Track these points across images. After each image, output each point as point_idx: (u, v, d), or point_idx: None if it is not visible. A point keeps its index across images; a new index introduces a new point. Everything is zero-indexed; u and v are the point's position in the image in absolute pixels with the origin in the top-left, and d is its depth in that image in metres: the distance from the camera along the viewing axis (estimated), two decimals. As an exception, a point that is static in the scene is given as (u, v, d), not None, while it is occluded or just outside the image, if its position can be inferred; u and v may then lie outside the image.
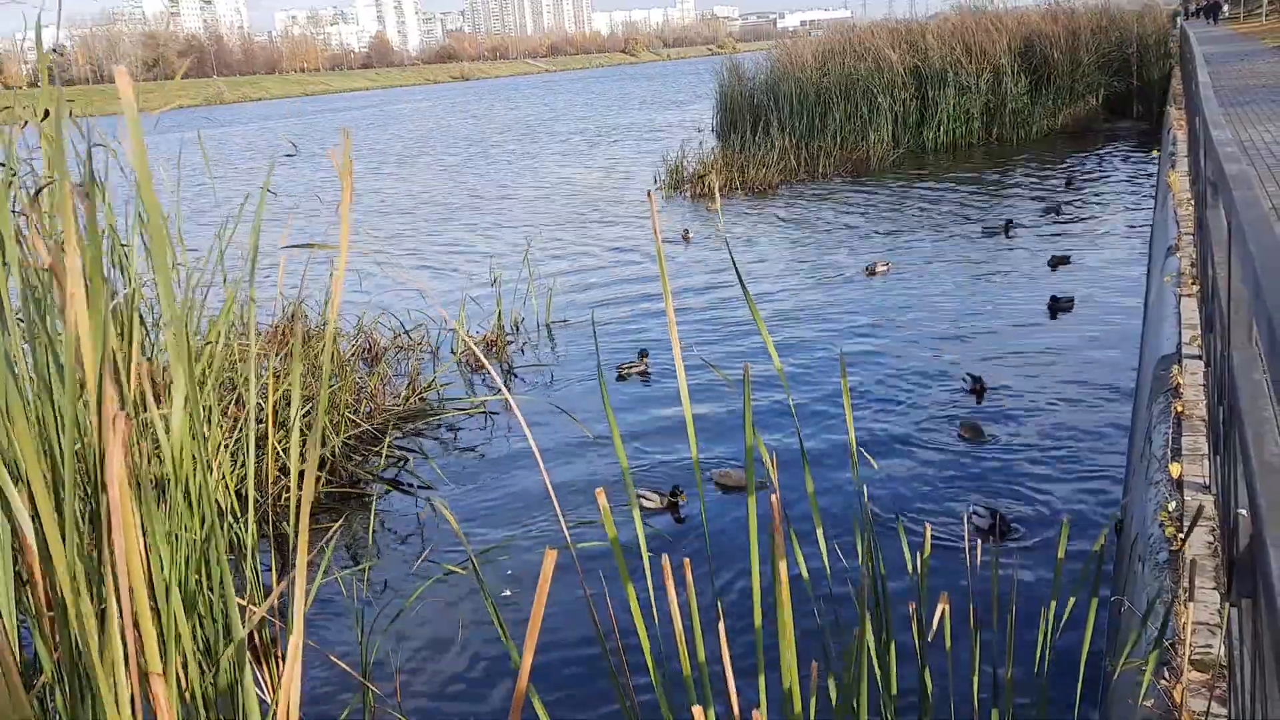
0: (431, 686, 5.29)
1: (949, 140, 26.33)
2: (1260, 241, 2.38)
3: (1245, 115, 14.97)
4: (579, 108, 60.44)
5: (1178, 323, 6.77)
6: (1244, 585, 2.22)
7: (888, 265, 13.55)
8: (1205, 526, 4.01)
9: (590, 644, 5.45)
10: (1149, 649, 3.27)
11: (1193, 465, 4.63)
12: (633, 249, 16.57)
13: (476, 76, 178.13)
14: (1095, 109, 27.68)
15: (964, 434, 7.83)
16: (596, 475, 7.69)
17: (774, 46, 30.80)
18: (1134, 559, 4.32)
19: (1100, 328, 10.35)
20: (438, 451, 8.41)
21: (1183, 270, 7.97)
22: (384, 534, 7.05)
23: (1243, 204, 2.90)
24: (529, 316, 12.02)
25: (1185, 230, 9.31)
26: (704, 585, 3.20)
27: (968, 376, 8.83)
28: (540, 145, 37.77)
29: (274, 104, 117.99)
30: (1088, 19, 28.60)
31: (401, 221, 21.48)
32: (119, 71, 2.08)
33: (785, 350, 10.45)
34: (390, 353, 10.32)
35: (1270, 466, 1.88)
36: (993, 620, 4.25)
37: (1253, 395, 2.35)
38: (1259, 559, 1.76)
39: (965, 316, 11.23)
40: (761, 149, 23.65)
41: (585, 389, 9.73)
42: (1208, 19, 48.56)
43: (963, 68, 26.24)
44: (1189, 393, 5.52)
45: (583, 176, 26.95)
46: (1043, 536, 6.17)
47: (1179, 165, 12.83)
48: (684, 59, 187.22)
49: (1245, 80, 20.65)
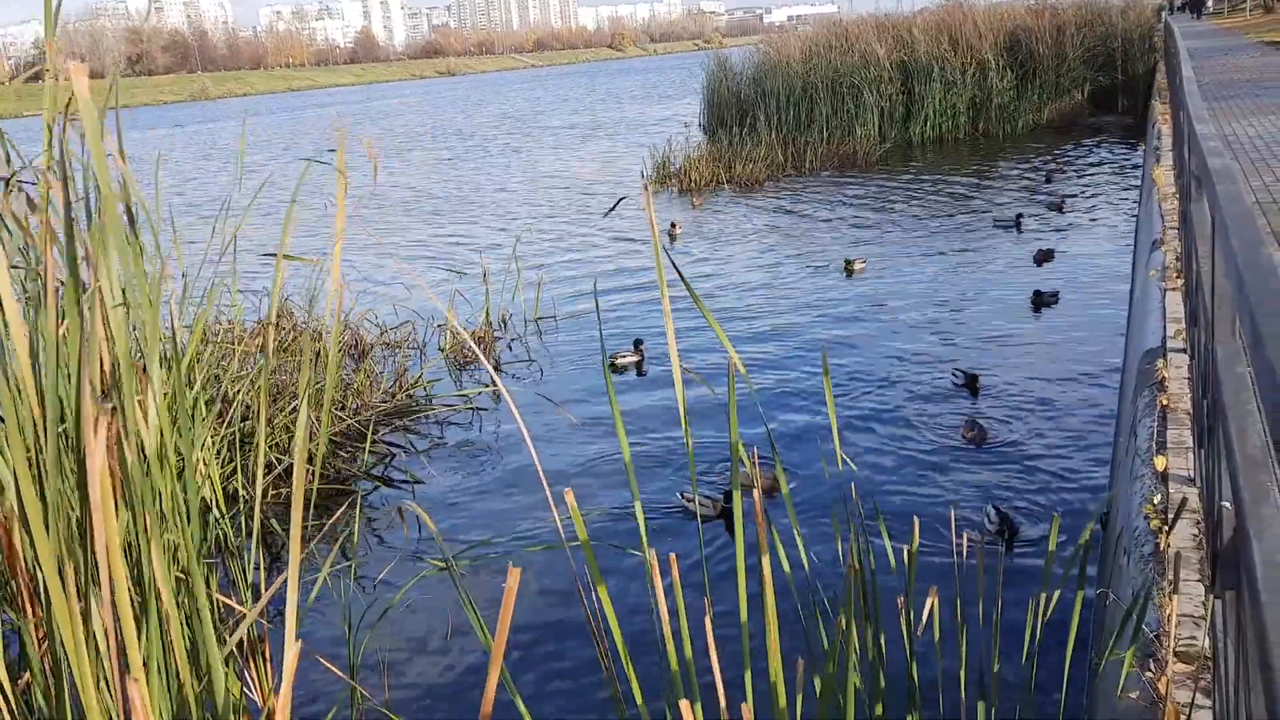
0: (420, 684, 5.28)
1: (935, 135, 26.39)
2: (1243, 236, 2.39)
3: (1229, 109, 15.04)
4: (566, 103, 60.33)
5: (1162, 316, 6.79)
6: (1227, 577, 2.23)
7: (864, 262, 13.52)
8: (1190, 519, 4.03)
9: (582, 637, 5.46)
10: (1134, 641, 3.29)
11: (1178, 458, 4.65)
12: (622, 243, 16.56)
13: (463, 72, 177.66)
14: (1081, 103, 27.79)
15: (966, 435, 7.65)
16: (588, 469, 7.69)
17: (761, 42, 30.83)
18: (1119, 552, 4.34)
19: (1086, 321, 10.39)
20: (426, 447, 8.39)
21: (1167, 264, 7.99)
22: (371, 531, 7.04)
23: (1226, 198, 2.91)
24: (516, 312, 12.00)
25: (1170, 224, 9.35)
26: (700, 580, 3.21)
27: (957, 372, 8.78)
28: (529, 140, 37.70)
29: (259, 99, 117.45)
30: (1073, 14, 28.70)
31: (390, 216, 21.42)
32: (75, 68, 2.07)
33: (766, 343, 10.47)
34: (377, 349, 10.29)
35: (1253, 459, 1.89)
36: (978, 614, 4.27)
37: (1236, 389, 2.36)
38: (1242, 551, 1.77)
39: (950, 311, 11.26)
40: (748, 144, 23.67)
41: (574, 384, 9.72)
42: (1192, 14, 48.75)
43: (949, 62, 26.30)
44: (1174, 386, 5.54)
45: (570, 171, 26.92)
46: (1030, 530, 6.20)
47: (1164, 159, 12.88)
48: (671, 54, 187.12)
49: (1229, 75, 20.74)
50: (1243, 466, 1.91)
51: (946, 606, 3.72)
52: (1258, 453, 1.90)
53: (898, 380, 9.14)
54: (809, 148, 23.83)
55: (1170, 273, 7.72)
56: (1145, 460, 4.83)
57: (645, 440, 8.14)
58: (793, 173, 22.64)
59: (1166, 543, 3.89)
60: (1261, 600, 1.42)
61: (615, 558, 6.21)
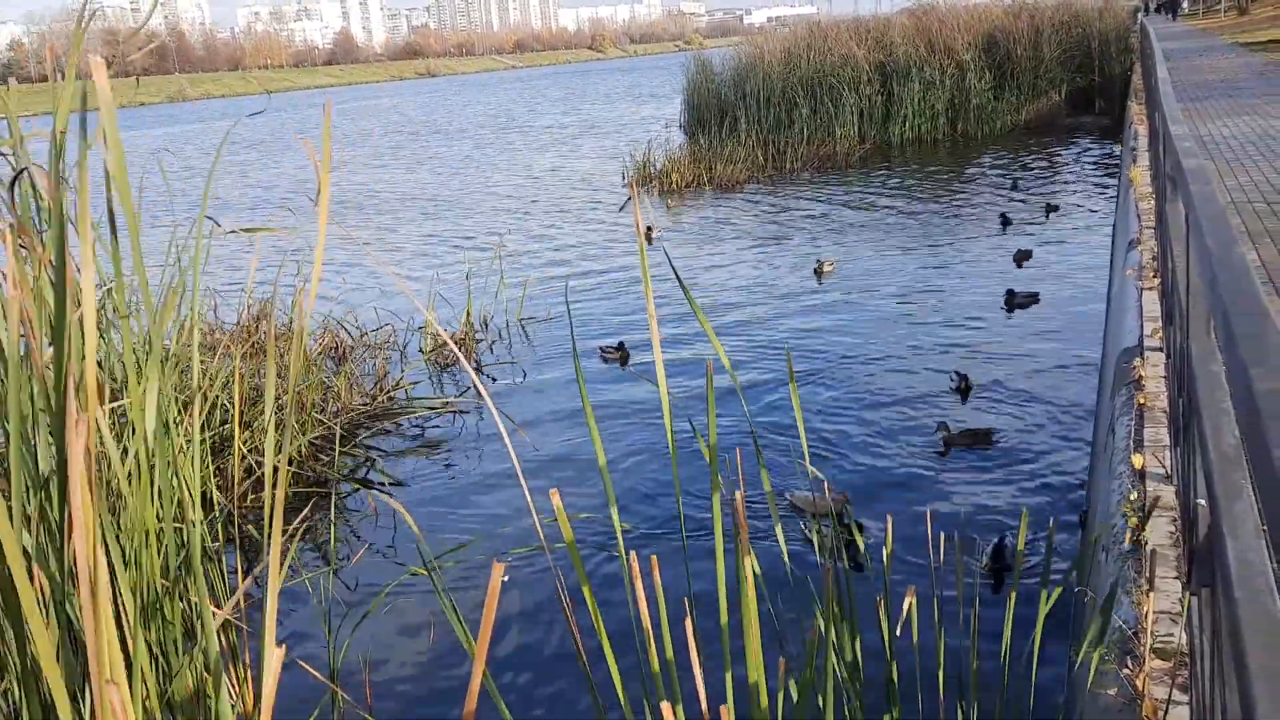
0: (402, 687, 5.26)
1: (914, 135, 26.50)
2: (1216, 235, 2.41)
3: (1204, 110, 15.18)
4: (546, 104, 60.27)
5: (1139, 315, 6.84)
6: (1203, 574, 2.25)
7: (834, 264, 13.49)
8: (1166, 517, 4.07)
9: (563, 639, 5.46)
10: (1111, 638, 3.31)
11: (1155, 456, 4.69)
12: (604, 244, 16.56)
13: (443, 73, 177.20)
14: (1058, 104, 27.96)
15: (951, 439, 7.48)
16: (571, 469, 7.68)
17: (741, 43, 30.89)
18: (1097, 549, 4.36)
19: (1064, 321, 10.45)
20: (406, 450, 8.36)
21: (1144, 263, 8.05)
22: (351, 535, 7.00)
23: (1200, 199, 2.94)
24: (498, 314, 11.97)
25: (1147, 224, 9.42)
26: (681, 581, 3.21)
27: (955, 374, 8.72)
28: (510, 141, 37.63)
29: (238, 101, 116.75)
30: (1050, 15, 28.88)
31: (370, 217, 21.34)
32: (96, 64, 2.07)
33: (738, 339, 10.49)
34: (358, 351, 10.25)
35: (1226, 457, 1.90)
36: (958, 613, 4.29)
37: (1210, 387, 2.37)
38: (1216, 548, 1.78)
39: (929, 309, 11.31)
40: (729, 145, 23.71)
41: (556, 386, 9.71)
42: (1168, 15, 49.17)
43: (927, 63, 26.43)
44: (1151, 385, 5.58)
45: (551, 172, 26.88)
46: (1008, 527, 6.23)
47: (1140, 160, 12.98)
48: (651, 55, 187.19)
49: (1204, 75, 20.94)
50: (1217, 464, 1.92)
51: (925, 605, 3.73)
52: (1231, 450, 1.92)
53: (872, 380, 9.17)
54: (789, 148, 23.89)
55: (1147, 272, 7.78)
56: (1123, 458, 4.86)
57: (632, 437, 8.14)
58: (774, 173, 22.69)
59: (1143, 540, 3.92)
60: (1235, 597, 1.43)
61: (601, 558, 6.21)
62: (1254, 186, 9.34)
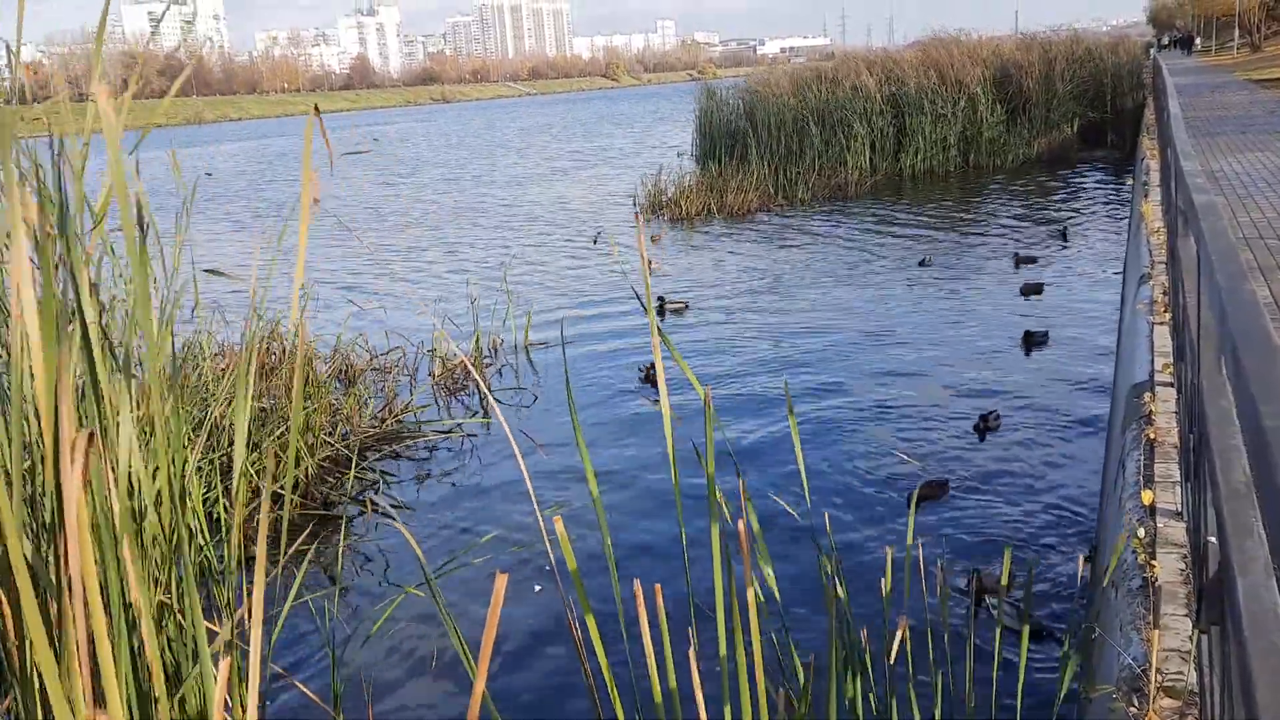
0: (404, 711, 5.23)
1: (926, 168, 26.56)
2: (1226, 271, 2.41)
3: (1216, 145, 15.19)
4: (560, 129, 60.63)
5: (1150, 350, 6.82)
6: (1213, 612, 2.23)
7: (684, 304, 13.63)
8: (1177, 554, 4.03)
9: (568, 659, 5.43)
10: (1120, 675, 3.28)
11: (1165, 492, 4.66)
12: (612, 272, 16.59)
13: (458, 99, 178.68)
14: (1070, 138, 28.04)
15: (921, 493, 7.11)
16: (581, 497, 7.66)
17: (754, 73, 31.09)
18: (1107, 586, 4.33)
19: (1074, 355, 10.42)
20: (415, 473, 8.36)
21: (1155, 298, 8.03)
22: (358, 557, 6.99)
23: (1211, 234, 2.93)
24: (507, 338, 11.99)
25: (1158, 259, 9.40)
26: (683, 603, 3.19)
27: (982, 417, 8.49)
28: (522, 167, 37.84)
29: (253, 124, 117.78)
30: (1063, 49, 29.01)
31: (382, 241, 21.43)
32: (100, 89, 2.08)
33: (738, 372, 10.48)
34: (367, 374, 10.27)
35: (1237, 494, 1.89)
36: (965, 651, 4.25)
37: (1220, 423, 2.36)
38: (1227, 585, 1.77)
39: (939, 347, 11.28)
40: (740, 174, 23.79)
41: (565, 410, 9.70)
42: (1182, 50, 49.34)
43: (939, 96, 26.52)
44: (1161, 420, 5.55)
45: (562, 199, 27.00)
46: (1015, 561, 6.18)
47: (1152, 195, 12.98)
48: (665, 84, 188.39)
49: (1216, 111, 20.98)
50: (1227, 500, 1.91)
51: (932, 642, 3.70)
52: (1241, 487, 1.91)
53: (879, 411, 9.14)
54: (800, 178, 23.96)
55: (1158, 306, 7.76)
56: (1133, 494, 4.83)
57: (653, 449, 8.12)
58: (784, 203, 22.75)
59: (1153, 577, 3.88)
60: (1245, 635, 1.42)
61: (606, 585, 6.18)
62: (1266, 222, 9.32)
